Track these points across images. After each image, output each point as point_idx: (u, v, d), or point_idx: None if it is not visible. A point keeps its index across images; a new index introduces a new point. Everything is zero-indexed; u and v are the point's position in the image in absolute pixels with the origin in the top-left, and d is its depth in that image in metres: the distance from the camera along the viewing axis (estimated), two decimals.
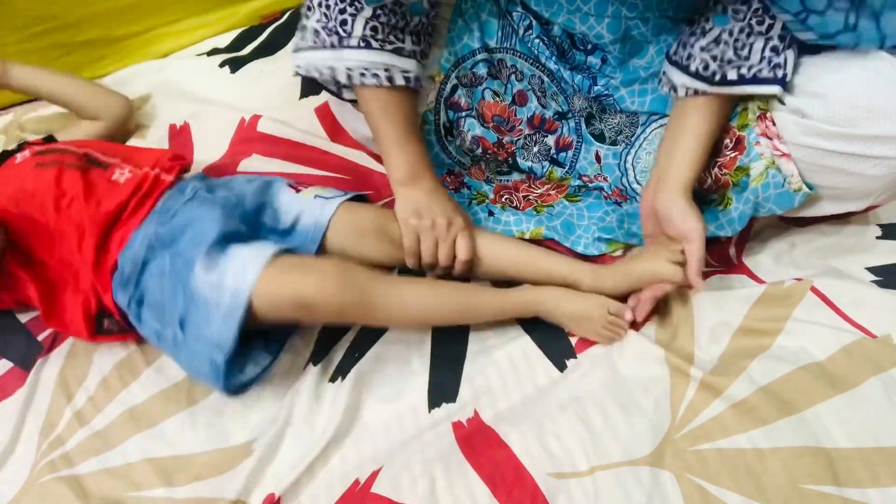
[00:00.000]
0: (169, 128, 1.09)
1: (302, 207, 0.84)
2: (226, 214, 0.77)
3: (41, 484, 0.73)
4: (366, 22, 0.75)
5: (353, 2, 0.75)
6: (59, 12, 1.15)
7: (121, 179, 0.81)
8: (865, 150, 0.67)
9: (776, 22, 0.69)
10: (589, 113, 0.89)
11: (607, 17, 0.78)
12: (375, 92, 0.79)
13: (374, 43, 0.76)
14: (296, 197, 0.85)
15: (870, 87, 0.66)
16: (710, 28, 0.74)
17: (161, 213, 0.79)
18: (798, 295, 0.77)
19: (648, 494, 0.65)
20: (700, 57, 0.75)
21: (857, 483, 0.63)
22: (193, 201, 0.80)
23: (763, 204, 0.77)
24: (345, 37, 0.76)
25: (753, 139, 0.75)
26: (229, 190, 0.84)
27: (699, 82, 0.75)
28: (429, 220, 0.80)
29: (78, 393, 0.80)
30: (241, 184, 0.86)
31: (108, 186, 0.80)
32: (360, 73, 0.77)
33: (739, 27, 0.71)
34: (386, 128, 0.80)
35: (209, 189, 0.83)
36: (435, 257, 0.81)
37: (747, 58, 0.72)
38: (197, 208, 0.78)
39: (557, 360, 0.79)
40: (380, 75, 0.77)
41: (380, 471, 0.71)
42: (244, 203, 0.83)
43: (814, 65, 0.70)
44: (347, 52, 0.77)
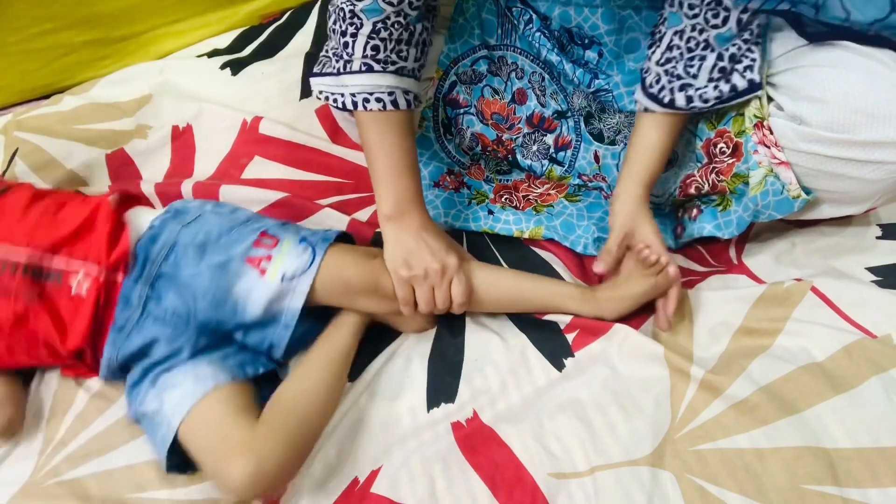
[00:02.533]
0: (171, 130, 1.09)
1: (269, 296, 0.73)
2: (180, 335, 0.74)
3: (43, 486, 0.73)
4: (366, 41, 0.73)
5: (351, 21, 0.72)
6: (59, 12, 1.15)
7: (82, 292, 0.72)
8: (864, 155, 0.67)
9: (731, 13, 0.69)
10: (588, 112, 0.89)
11: (598, 6, 0.78)
12: (375, 119, 0.76)
13: (375, 66, 0.74)
14: (259, 283, 0.73)
15: (870, 91, 0.65)
16: (664, 33, 0.74)
17: (116, 332, 0.74)
18: (798, 295, 0.77)
19: (648, 494, 0.65)
20: (655, 70, 0.76)
21: (858, 483, 0.63)
22: (145, 319, 0.74)
23: (763, 211, 0.78)
24: (347, 61, 0.75)
25: (751, 148, 0.75)
26: (176, 283, 0.74)
27: (650, 101, 0.77)
28: (420, 269, 0.76)
29: (79, 394, 0.80)
30: (192, 260, 0.74)
31: (73, 308, 0.73)
32: (363, 98, 0.75)
33: (692, 25, 0.71)
34: (381, 158, 0.77)
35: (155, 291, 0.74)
36: (432, 304, 0.78)
37: (695, 76, 0.73)
38: (150, 329, 0.74)
39: (556, 360, 0.79)
40: (384, 99, 0.75)
41: (379, 470, 0.71)
42: (196, 308, 0.74)
43: (813, 68, 0.69)
44: (349, 77, 0.75)
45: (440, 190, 0.95)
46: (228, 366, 0.75)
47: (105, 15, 1.18)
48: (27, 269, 0.71)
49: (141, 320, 0.74)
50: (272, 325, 0.75)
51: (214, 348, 0.76)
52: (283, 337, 0.75)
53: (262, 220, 0.81)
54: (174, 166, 1.06)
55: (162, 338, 0.73)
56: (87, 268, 0.73)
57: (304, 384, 0.74)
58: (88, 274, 0.73)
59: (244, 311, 0.74)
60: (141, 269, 0.75)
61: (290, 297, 0.74)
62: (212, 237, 0.76)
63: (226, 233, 0.77)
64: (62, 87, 1.23)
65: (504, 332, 0.82)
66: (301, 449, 0.70)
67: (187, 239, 0.76)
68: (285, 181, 1.01)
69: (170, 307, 0.74)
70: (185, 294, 0.73)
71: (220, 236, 0.76)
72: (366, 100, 0.75)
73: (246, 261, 0.74)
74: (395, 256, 0.77)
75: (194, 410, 0.69)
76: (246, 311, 0.74)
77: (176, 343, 0.73)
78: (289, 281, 0.74)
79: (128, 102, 1.15)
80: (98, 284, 0.73)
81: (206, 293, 0.73)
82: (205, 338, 0.75)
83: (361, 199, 0.99)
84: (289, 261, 0.75)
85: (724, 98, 0.74)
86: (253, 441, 0.66)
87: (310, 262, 0.75)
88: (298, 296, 0.74)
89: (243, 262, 0.74)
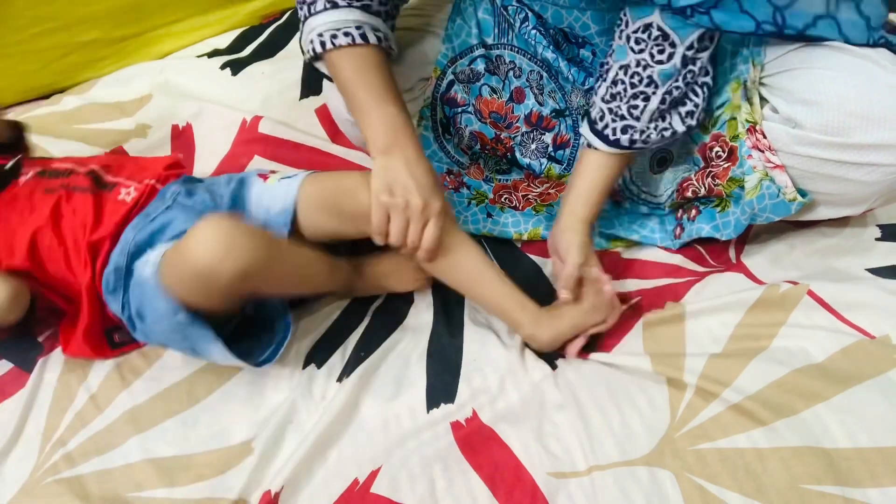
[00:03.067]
0: (171, 129, 1.10)
1: (271, 195, 0.82)
2: (196, 216, 0.76)
3: (43, 485, 0.73)
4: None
5: None
6: (59, 12, 1.15)
7: (128, 199, 0.80)
8: (859, 157, 0.67)
9: (676, 49, 0.70)
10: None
11: (586, 9, 0.79)
12: (348, 54, 0.74)
13: (340, 2, 0.73)
14: (264, 187, 0.84)
15: (864, 94, 0.65)
16: (610, 66, 0.75)
17: (141, 218, 0.79)
18: (795, 299, 0.77)
19: (648, 494, 0.65)
20: (599, 106, 0.77)
21: (858, 483, 0.63)
22: (172, 208, 0.79)
23: (759, 214, 0.78)
24: (311, 3, 0.74)
25: (745, 152, 0.75)
26: (208, 192, 0.84)
27: (595, 139, 0.78)
28: (402, 199, 0.73)
29: (79, 393, 0.81)
30: (221, 186, 0.85)
31: (114, 209, 0.80)
32: (331, 35, 0.73)
33: (637, 60, 0.72)
34: (362, 91, 0.75)
35: (189, 193, 0.82)
36: (404, 238, 0.75)
37: (638, 118, 0.74)
38: (172, 213, 0.78)
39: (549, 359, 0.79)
40: (352, 33, 0.73)
41: (379, 471, 0.71)
42: (221, 206, 0.82)
43: (807, 70, 0.69)
44: (314, 18, 0.74)
45: None
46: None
47: (104, 15, 1.18)
48: (91, 173, 0.82)
49: (167, 210, 0.79)
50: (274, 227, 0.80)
51: None
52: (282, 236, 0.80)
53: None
54: None
55: (181, 218, 0.77)
56: (139, 184, 0.82)
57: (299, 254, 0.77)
58: (139, 188, 0.82)
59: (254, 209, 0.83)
60: (182, 181, 0.85)
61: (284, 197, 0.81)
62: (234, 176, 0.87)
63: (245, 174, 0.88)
64: (62, 87, 1.23)
65: (503, 332, 0.82)
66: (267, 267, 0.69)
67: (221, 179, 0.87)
68: None
69: (199, 200, 0.82)
70: (213, 195, 0.83)
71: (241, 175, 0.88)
72: (333, 35, 0.73)
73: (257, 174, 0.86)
74: (380, 182, 0.74)
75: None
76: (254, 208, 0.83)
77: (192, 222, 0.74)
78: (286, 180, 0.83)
79: (128, 102, 1.16)
80: (143, 190, 0.81)
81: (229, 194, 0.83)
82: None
83: None
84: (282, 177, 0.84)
85: (664, 140, 0.76)
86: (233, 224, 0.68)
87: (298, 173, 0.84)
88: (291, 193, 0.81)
89: (255, 175, 0.86)
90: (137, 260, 0.74)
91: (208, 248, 0.64)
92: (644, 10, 0.69)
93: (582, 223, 0.80)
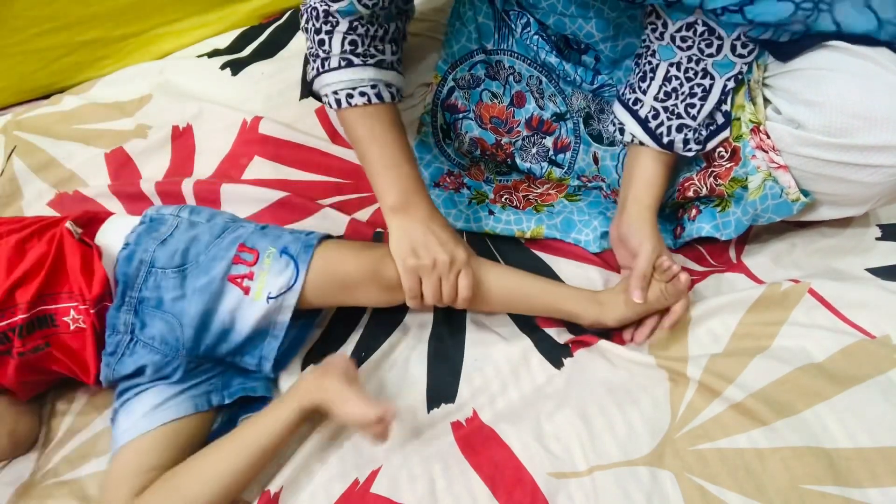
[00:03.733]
0: (171, 129, 1.09)
1: (255, 317, 0.73)
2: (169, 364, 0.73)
3: (42, 486, 0.73)
4: (343, 37, 0.73)
5: (326, 20, 0.72)
6: (59, 12, 1.15)
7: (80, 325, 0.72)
8: (862, 159, 0.67)
9: (724, 41, 0.69)
10: (587, 113, 0.89)
11: (592, 17, 0.78)
12: (361, 114, 0.75)
13: (355, 59, 0.73)
14: (244, 302, 0.73)
15: (867, 95, 0.65)
16: (656, 64, 0.74)
17: (109, 356, 0.73)
18: (796, 297, 0.77)
19: (648, 494, 0.65)
20: (650, 105, 0.76)
21: (858, 483, 0.63)
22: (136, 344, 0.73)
23: (762, 214, 0.78)
24: (325, 58, 0.74)
25: (749, 153, 0.74)
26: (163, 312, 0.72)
27: (649, 139, 0.77)
28: (429, 259, 0.74)
29: (78, 395, 0.81)
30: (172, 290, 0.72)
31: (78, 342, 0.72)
32: (346, 94, 0.74)
33: (688, 56, 0.72)
34: (375, 151, 0.76)
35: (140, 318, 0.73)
36: (439, 296, 0.76)
37: (695, 117, 0.74)
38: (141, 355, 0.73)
39: (554, 359, 0.79)
40: (367, 93, 0.74)
41: (379, 470, 0.71)
42: (184, 335, 0.72)
43: (810, 70, 0.69)
44: (329, 75, 0.74)
45: (440, 190, 0.95)
46: (196, 394, 0.74)
47: (104, 15, 1.18)
48: (26, 324, 0.70)
49: (131, 345, 0.73)
50: (261, 340, 0.75)
51: (201, 372, 0.75)
52: (273, 348, 0.74)
53: (239, 227, 0.78)
54: (174, 166, 1.06)
55: (151, 364, 0.72)
56: (74, 303, 0.72)
57: (208, 466, 0.69)
58: (78, 309, 0.72)
59: (232, 331, 0.73)
60: (122, 296, 0.73)
61: (278, 314, 0.74)
62: (189, 257, 0.74)
63: (203, 251, 0.74)
64: (62, 87, 1.23)
65: (504, 332, 0.82)
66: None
67: (164, 259, 0.74)
68: (285, 181, 1.01)
69: (157, 335, 0.72)
70: (170, 321, 0.72)
71: (199, 255, 0.74)
72: (349, 95, 0.74)
73: (228, 279, 0.73)
74: (402, 246, 0.75)
75: (119, 454, 0.70)
76: (234, 331, 0.73)
77: (166, 369, 0.73)
78: (274, 299, 0.73)
79: (128, 102, 1.16)
80: (91, 317, 0.72)
81: (193, 318, 0.71)
82: (195, 363, 0.74)
83: (361, 199, 0.99)
84: (272, 280, 0.73)
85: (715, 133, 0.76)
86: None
87: (294, 279, 0.74)
88: (286, 311, 0.74)
89: (224, 281, 0.73)
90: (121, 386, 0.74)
91: None
92: (682, 14, 0.69)
93: (650, 211, 0.78)
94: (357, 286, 0.76)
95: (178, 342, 0.72)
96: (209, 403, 0.75)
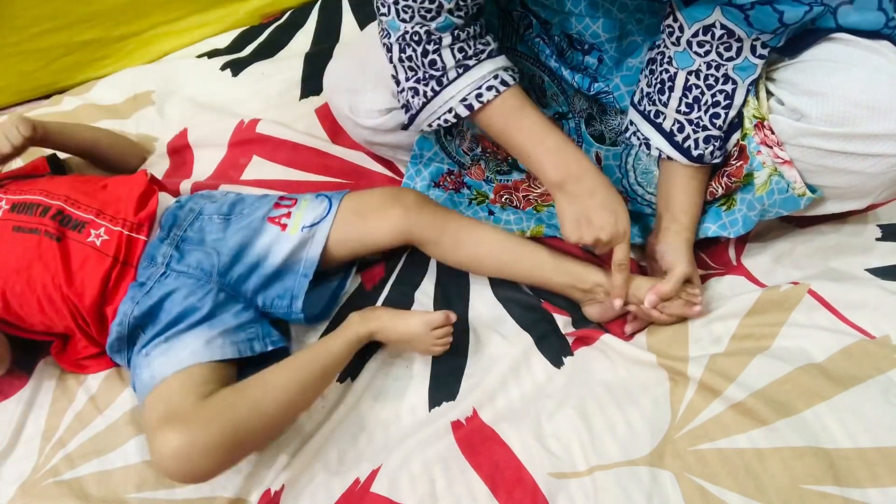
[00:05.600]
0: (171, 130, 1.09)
1: (290, 247, 0.79)
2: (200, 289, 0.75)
3: (42, 486, 0.73)
4: (451, 49, 0.74)
5: (429, 40, 0.73)
6: (59, 12, 1.15)
7: (97, 242, 0.76)
8: (865, 148, 0.67)
9: (744, 43, 0.69)
10: (589, 114, 0.89)
11: (600, 17, 0.78)
12: (499, 107, 0.75)
13: (470, 62, 0.74)
14: (280, 236, 0.80)
15: (870, 85, 0.65)
16: (674, 73, 0.73)
17: (136, 289, 0.76)
18: (795, 298, 0.77)
19: (648, 494, 0.65)
20: (674, 118, 0.75)
21: (858, 483, 0.63)
22: (168, 276, 0.77)
23: (769, 209, 0.77)
24: (441, 75, 0.75)
25: (754, 149, 0.74)
26: (202, 245, 0.79)
27: (677, 152, 0.76)
28: (590, 236, 0.74)
29: (78, 394, 0.81)
30: (216, 227, 0.81)
31: (85, 255, 0.76)
32: (475, 95, 0.75)
33: (707, 63, 0.71)
34: (518, 137, 0.76)
35: (180, 251, 0.79)
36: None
37: (720, 127, 0.73)
38: (170, 283, 0.76)
39: (554, 358, 0.79)
40: (494, 85, 0.74)
41: (379, 470, 0.71)
42: (219, 266, 0.78)
43: (813, 62, 0.69)
44: (452, 86, 0.75)
45: (440, 190, 0.95)
46: (237, 339, 0.75)
47: (104, 14, 1.18)
48: (57, 213, 0.77)
49: (163, 277, 0.76)
50: (291, 275, 0.79)
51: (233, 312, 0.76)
52: (303, 286, 0.78)
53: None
54: (173, 167, 1.06)
55: (181, 290, 0.74)
56: (110, 224, 0.78)
57: (273, 377, 0.71)
58: (110, 230, 0.77)
59: (265, 262, 0.78)
60: (168, 231, 0.80)
61: (309, 246, 0.79)
62: (235, 209, 0.82)
63: (248, 206, 0.83)
64: (62, 87, 1.23)
65: (505, 331, 0.82)
66: (242, 440, 0.66)
67: (212, 210, 0.82)
68: (285, 181, 1.01)
69: (194, 262, 0.77)
70: (209, 252, 0.78)
71: (244, 209, 0.83)
72: (478, 95, 0.75)
73: (267, 220, 0.80)
74: (568, 224, 0.76)
75: (164, 382, 0.69)
76: (266, 261, 0.78)
77: (195, 296, 0.74)
78: (308, 229, 0.80)
79: (128, 103, 1.16)
80: (119, 239, 0.77)
81: (231, 249, 0.78)
82: (225, 294, 0.76)
83: None
84: (307, 214, 0.81)
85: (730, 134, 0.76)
86: (192, 415, 0.65)
87: (328, 210, 0.81)
88: (317, 243, 0.79)
89: (264, 221, 0.80)
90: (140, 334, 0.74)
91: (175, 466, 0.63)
92: (701, 12, 0.68)
93: (688, 232, 0.79)
94: (380, 208, 0.82)
95: (213, 268, 0.78)
96: (252, 350, 0.76)
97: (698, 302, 0.78)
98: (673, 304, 0.78)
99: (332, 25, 1.27)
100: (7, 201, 0.79)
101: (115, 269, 0.76)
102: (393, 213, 0.81)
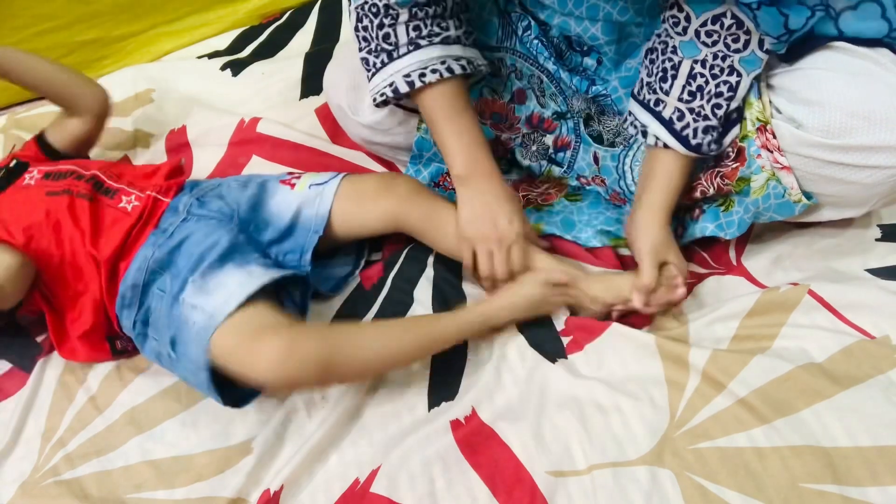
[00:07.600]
0: (170, 130, 1.10)
1: (299, 202, 0.85)
2: (220, 228, 0.78)
3: (42, 486, 0.73)
4: (406, 26, 0.75)
5: (387, 14, 0.74)
6: (59, 11, 1.15)
7: (128, 207, 0.81)
8: (861, 160, 0.66)
9: (752, 36, 0.68)
10: (588, 114, 0.89)
11: (600, 20, 0.78)
12: (433, 93, 0.77)
13: (422, 42, 0.75)
14: (290, 193, 0.86)
15: (867, 95, 0.65)
16: (678, 62, 0.73)
17: (158, 234, 0.78)
18: (795, 299, 0.77)
19: (647, 493, 0.65)
20: (674, 105, 0.74)
21: (857, 482, 0.63)
22: (188, 220, 0.79)
23: (763, 213, 0.77)
24: (392, 49, 0.76)
25: (754, 152, 0.74)
26: (222, 199, 0.84)
27: (675, 141, 0.75)
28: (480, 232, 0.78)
29: (78, 394, 0.81)
30: (234, 190, 0.86)
31: (115, 217, 0.80)
32: (419, 74, 0.76)
33: (713, 54, 0.70)
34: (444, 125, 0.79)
35: (201, 201, 0.83)
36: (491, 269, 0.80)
37: (721, 118, 0.73)
38: (189, 226, 0.78)
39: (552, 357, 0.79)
40: (438, 69, 0.76)
41: (378, 470, 0.71)
42: (238, 212, 0.83)
43: (810, 70, 0.69)
44: (399, 61, 0.76)
45: (440, 190, 0.95)
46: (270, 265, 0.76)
47: (104, 13, 1.18)
48: (91, 178, 0.82)
49: (183, 223, 0.79)
50: (303, 231, 0.84)
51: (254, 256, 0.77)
52: (313, 242, 0.83)
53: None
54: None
55: (201, 230, 0.77)
56: (140, 192, 0.83)
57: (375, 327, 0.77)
58: (140, 197, 0.82)
59: (277, 219, 0.84)
60: (191, 188, 0.86)
61: (318, 204, 0.85)
62: (252, 181, 0.88)
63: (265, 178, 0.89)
64: None
65: (504, 330, 0.82)
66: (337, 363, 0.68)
67: (232, 182, 0.88)
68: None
69: (215, 207, 0.82)
70: (230, 203, 0.84)
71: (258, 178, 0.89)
72: (421, 74, 0.76)
73: (280, 182, 0.88)
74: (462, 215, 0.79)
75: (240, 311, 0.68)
76: (279, 218, 0.84)
77: (214, 235, 0.76)
78: (316, 187, 0.86)
79: (127, 103, 1.16)
80: (146, 202, 0.81)
81: (248, 204, 0.84)
82: (244, 235, 0.79)
83: None
84: (315, 178, 0.88)
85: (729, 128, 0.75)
86: (292, 328, 0.69)
87: (333, 177, 0.87)
88: (325, 199, 0.84)
89: (276, 182, 0.88)
90: (158, 278, 0.74)
91: (271, 368, 0.66)
92: (709, 5, 0.67)
93: (662, 213, 0.78)
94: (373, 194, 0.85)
95: (234, 213, 0.83)
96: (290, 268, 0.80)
97: (679, 284, 0.77)
98: (657, 293, 0.77)
99: (332, 25, 1.27)
100: (39, 171, 0.84)
101: (136, 228, 0.79)
102: (384, 202, 0.85)
